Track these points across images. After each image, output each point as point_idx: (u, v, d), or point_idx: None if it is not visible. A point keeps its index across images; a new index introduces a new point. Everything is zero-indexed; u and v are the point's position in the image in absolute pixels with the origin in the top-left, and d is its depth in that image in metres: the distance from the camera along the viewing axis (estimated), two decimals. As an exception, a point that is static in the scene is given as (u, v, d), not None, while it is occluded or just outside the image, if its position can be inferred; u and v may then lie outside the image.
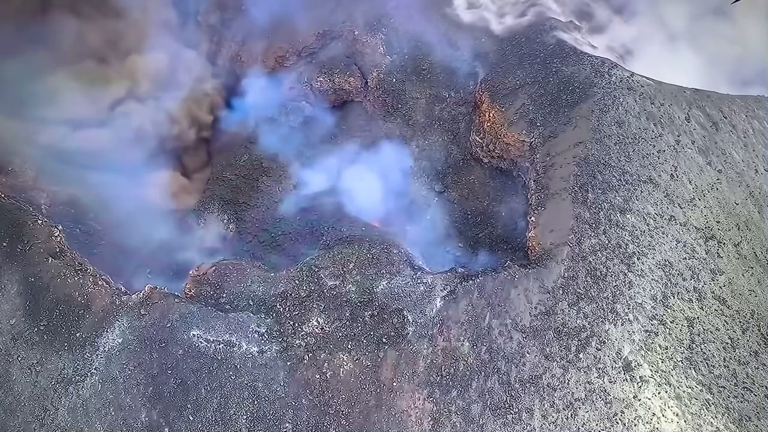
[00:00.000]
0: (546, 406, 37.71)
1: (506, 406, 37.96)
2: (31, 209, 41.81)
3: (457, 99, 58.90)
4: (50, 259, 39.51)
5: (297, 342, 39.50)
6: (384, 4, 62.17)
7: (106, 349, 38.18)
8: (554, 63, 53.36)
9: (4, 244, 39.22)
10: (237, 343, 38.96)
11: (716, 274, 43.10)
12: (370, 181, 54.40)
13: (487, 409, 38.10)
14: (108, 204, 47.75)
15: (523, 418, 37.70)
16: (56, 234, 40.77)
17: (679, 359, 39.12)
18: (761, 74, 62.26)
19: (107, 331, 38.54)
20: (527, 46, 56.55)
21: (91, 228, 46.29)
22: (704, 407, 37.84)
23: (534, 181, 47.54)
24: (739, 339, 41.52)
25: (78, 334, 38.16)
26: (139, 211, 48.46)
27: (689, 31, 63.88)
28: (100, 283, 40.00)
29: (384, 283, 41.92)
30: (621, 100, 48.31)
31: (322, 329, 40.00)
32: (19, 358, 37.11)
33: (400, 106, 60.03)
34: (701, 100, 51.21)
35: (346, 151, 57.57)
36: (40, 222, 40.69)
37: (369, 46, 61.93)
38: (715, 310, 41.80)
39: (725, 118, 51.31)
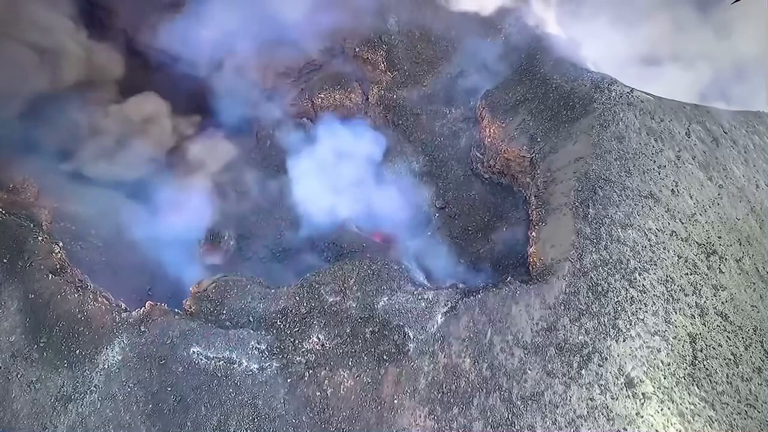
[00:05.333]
0: (548, 423, 37.41)
1: (508, 423, 37.64)
2: (31, 226, 41.76)
3: (457, 115, 59.16)
4: (50, 275, 39.40)
5: (297, 359, 39.30)
6: (385, 21, 62.47)
7: (106, 366, 37.98)
8: (554, 79, 53.57)
9: (5, 260, 39.14)
10: (237, 360, 38.77)
11: (718, 289, 42.98)
12: (371, 196, 54.34)
13: (489, 426, 37.79)
14: (109, 220, 47.75)
15: (525, 435, 37.48)
16: (57, 251, 40.74)
17: (681, 375, 38.92)
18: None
19: (107, 348, 38.36)
20: (527, 62, 56.80)
21: (92, 244, 46.20)
22: (707, 424, 37.59)
23: (535, 196, 47.57)
24: (741, 355, 41.34)
25: (78, 351, 37.96)
26: (140, 228, 48.45)
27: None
28: (100, 299, 39.87)
29: (385, 299, 41.78)
30: (621, 115, 48.41)
31: (322, 346, 39.83)
32: (19, 376, 36.90)
33: (400, 122, 60.25)
34: (701, 116, 51.34)
35: (347, 166, 57.60)
36: (40, 238, 40.65)
37: (370, 62, 62.23)
38: (718, 325, 41.64)
39: (726, 133, 51.43)
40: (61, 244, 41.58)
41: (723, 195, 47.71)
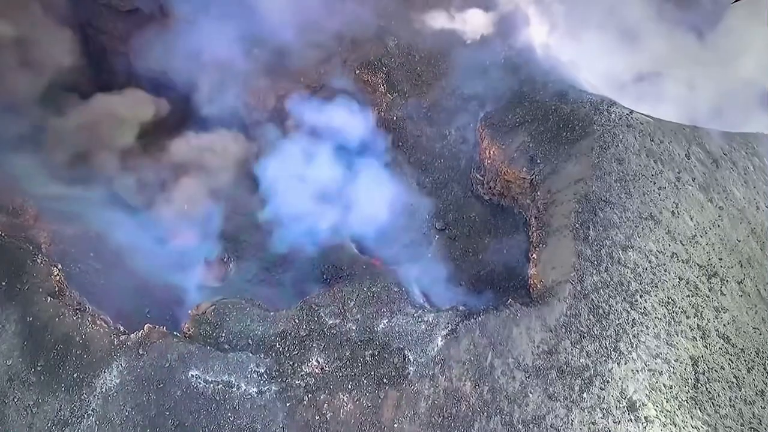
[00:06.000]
0: (550, 447, 37.13)
1: (509, 447, 37.35)
2: (30, 248, 41.59)
3: (457, 136, 59.25)
4: (49, 298, 39.14)
5: (296, 382, 38.98)
6: (385, 43, 62.81)
7: (104, 389, 37.63)
8: (553, 101, 53.76)
9: (3, 283, 38.89)
10: (236, 383, 38.45)
11: (720, 311, 42.77)
12: (370, 218, 54.24)
13: (490, 450, 37.50)
14: (108, 242, 47.65)
15: (527, 459, 37.09)
16: (55, 273, 40.51)
17: (684, 399, 38.63)
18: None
19: (105, 372, 38.01)
20: (526, 84, 57.00)
21: (91, 267, 46.06)
22: (711, 448, 37.29)
23: (535, 218, 47.54)
24: (744, 378, 41.04)
25: (75, 375, 37.64)
26: (139, 250, 48.32)
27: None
28: (98, 322, 39.61)
29: (385, 321, 41.59)
30: (621, 137, 48.52)
31: (321, 369, 39.54)
32: (15, 400, 36.55)
33: (400, 143, 60.34)
34: (701, 137, 51.46)
35: (346, 188, 57.54)
36: (39, 261, 40.46)
37: (370, 84, 62.45)
38: (720, 348, 41.39)
39: (725, 155, 51.51)
40: (60, 266, 41.33)
41: (723, 216, 47.65)
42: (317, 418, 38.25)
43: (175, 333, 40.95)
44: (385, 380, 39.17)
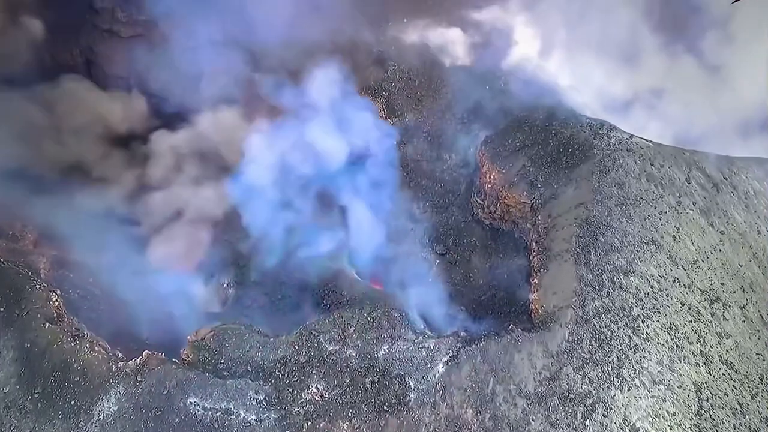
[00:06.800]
0: (552, 476, 36.68)
1: (511, 476, 36.90)
2: (30, 273, 41.39)
3: (457, 161, 59.34)
4: (47, 324, 38.84)
5: (296, 410, 38.59)
6: (385, 68, 63.14)
7: (101, 417, 37.24)
8: (553, 125, 53.90)
9: (2, 308, 38.60)
10: (235, 410, 38.05)
11: (723, 337, 42.48)
12: (370, 243, 54.13)
13: (492, 479, 37.04)
14: (107, 268, 47.45)
15: (529, 488, 36.63)
16: (54, 299, 40.24)
17: (687, 426, 38.25)
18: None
19: (103, 399, 37.65)
20: (526, 108, 57.19)
21: (90, 292, 45.82)
22: (716, 477, 36.83)
23: (536, 242, 47.41)
24: (748, 404, 40.65)
25: (73, 402, 37.27)
26: (138, 276, 48.09)
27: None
28: (96, 348, 39.29)
29: (385, 347, 41.28)
30: (621, 161, 48.55)
31: (321, 396, 39.16)
32: (12, 428, 36.10)
33: (401, 168, 60.36)
34: (701, 161, 51.49)
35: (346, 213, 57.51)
36: (38, 286, 40.23)
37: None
38: (723, 374, 41.05)
39: (726, 179, 51.51)
40: (59, 291, 41.10)
41: (725, 241, 47.52)
42: (317, 446, 37.86)
43: (173, 359, 40.58)
44: (385, 407, 38.80)
